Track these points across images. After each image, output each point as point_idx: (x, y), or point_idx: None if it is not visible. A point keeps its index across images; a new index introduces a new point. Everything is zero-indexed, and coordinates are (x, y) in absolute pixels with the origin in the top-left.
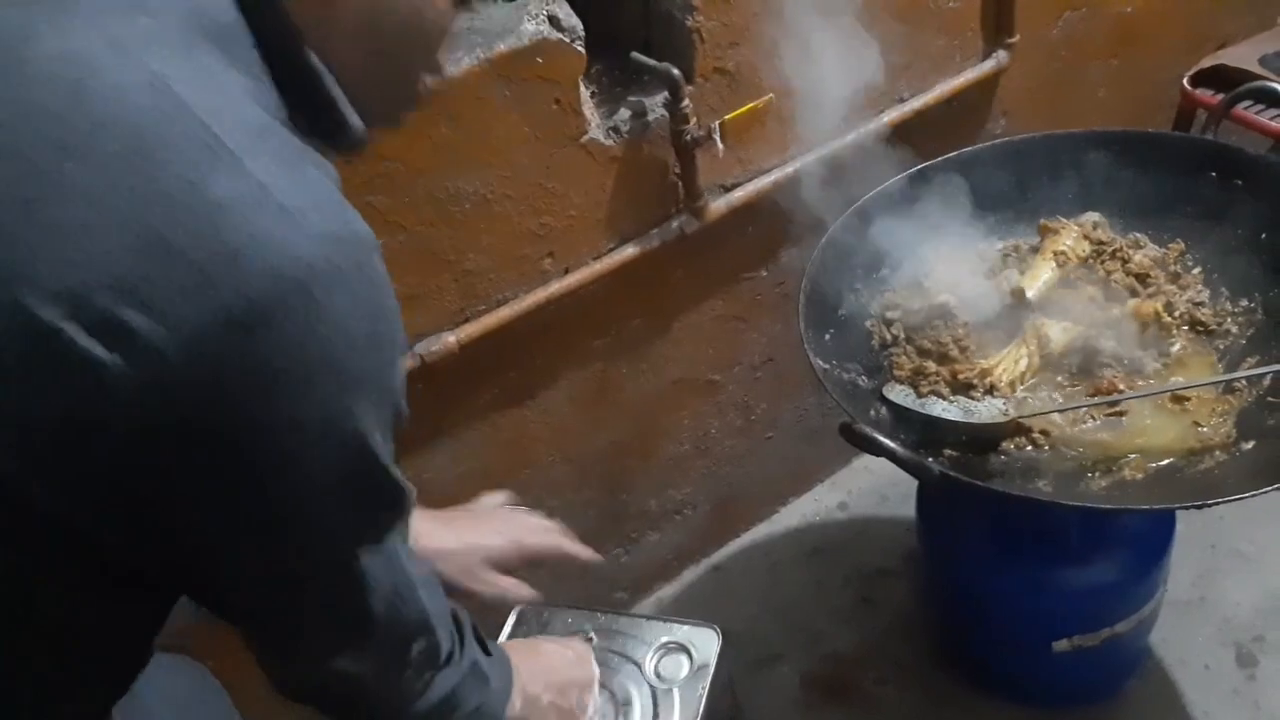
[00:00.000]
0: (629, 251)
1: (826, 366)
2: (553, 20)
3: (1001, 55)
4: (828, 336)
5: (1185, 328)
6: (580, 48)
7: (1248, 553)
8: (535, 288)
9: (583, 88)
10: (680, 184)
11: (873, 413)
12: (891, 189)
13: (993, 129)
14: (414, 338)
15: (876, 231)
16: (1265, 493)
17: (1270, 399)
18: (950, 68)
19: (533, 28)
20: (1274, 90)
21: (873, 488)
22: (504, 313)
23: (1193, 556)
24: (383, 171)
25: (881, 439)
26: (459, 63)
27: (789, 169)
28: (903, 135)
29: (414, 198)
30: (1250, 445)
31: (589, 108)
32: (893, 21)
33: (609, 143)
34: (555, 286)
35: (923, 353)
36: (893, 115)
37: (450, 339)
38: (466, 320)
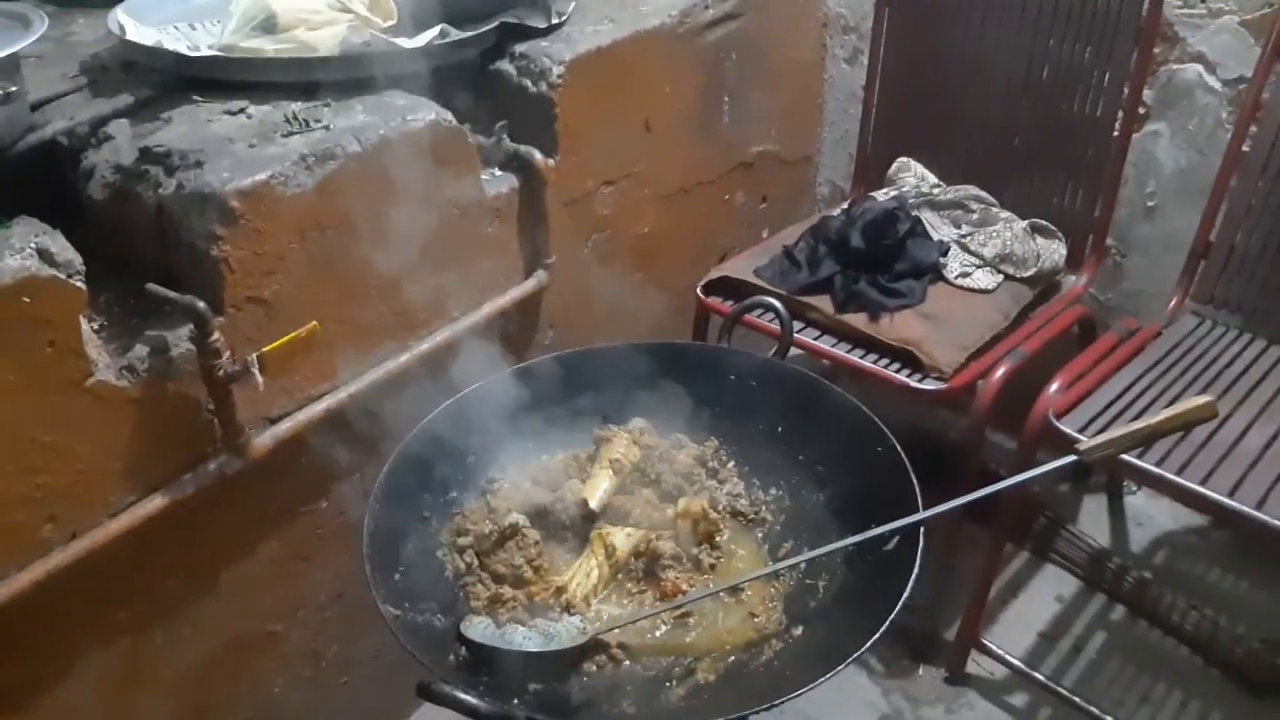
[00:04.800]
0: (156, 503)
1: (399, 613)
2: (43, 254)
3: (542, 274)
4: (398, 576)
5: (730, 518)
6: (80, 283)
7: (808, 712)
8: (31, 562)
9: (85, 325)
10: (217, 421)
11: (452, 656)
12: (452, 408)
13: (543, 340)
14: None
15: (440, 453)
16: (820, 684)
17: (808, 581)
18: (497, 287)
19: (17, 263)
20: (771, 303)
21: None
22: None
23: None
24: None
25: (464, 697)
26: None
27: (342, 395)
28: (458, 353)
29: None
30: (800, 630)
31: (95, 347)
32: (437, 247)
33: (122, 384)
34: (58, 557)
35: (498, 578)
36: (446, 334)
37: None
38: None
